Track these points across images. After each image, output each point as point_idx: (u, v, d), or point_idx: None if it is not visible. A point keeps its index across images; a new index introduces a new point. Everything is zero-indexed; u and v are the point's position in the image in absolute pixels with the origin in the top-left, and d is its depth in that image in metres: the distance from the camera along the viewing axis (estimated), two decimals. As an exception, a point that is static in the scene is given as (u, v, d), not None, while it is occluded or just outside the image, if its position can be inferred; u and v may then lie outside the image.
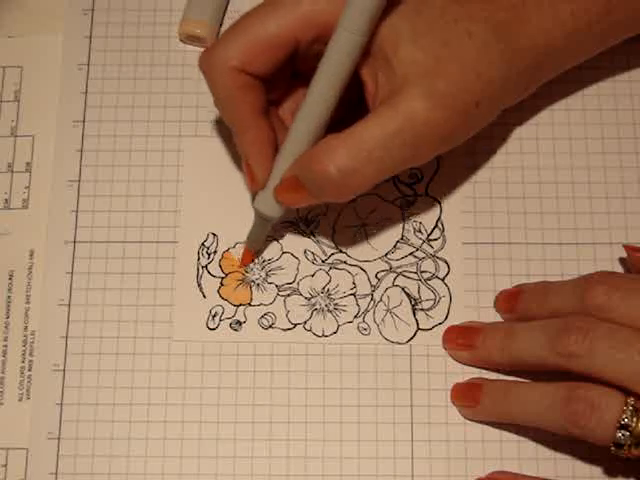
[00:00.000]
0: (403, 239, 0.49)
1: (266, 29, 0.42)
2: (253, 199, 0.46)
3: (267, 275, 0.48)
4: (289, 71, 0.46)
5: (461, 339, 0.46)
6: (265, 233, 0.47)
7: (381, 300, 0.48)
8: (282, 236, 0.49)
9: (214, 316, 0.47)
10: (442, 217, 0.49)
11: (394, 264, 0.48)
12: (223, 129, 0.50)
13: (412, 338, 0.47)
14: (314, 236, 0.49)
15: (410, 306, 0.48)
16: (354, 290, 0.48)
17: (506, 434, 0.45)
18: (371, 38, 0.42)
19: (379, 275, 0.48)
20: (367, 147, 0.41)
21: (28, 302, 0.48)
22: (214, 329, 0.47)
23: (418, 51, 0.42)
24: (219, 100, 0.44)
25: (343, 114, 0.44)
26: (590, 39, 0.46)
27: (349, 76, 0.42)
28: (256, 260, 0.48)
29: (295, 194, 0.44)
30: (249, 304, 0.48)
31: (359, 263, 0.48)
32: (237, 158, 0.50)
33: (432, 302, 0.48)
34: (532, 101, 0.50)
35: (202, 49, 0.51)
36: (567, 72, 0.49)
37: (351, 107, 0.45)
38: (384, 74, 0.42)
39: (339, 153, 0.42)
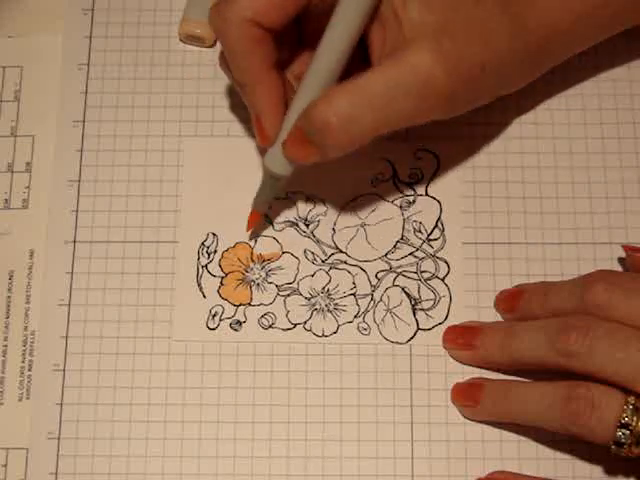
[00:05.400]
0: (403, 239, 0.49)
1: None
2: (263, 158, 0.46)
3: (267, 275, 0.48)
4: (296, 34, 0.46)
5: (461, 339, 0.46)
6: (273, 193, 0.47)
7: (381, 300, 0.48)
8: (282, 236, 0.49)
9: (214, 316, 0.47)
10: (442, 217, 0.49)
11: (394, 264, 0.48)
12: (223, 129, 0.50)
13: (412, 338, 0.47)
14: (314, 236, 0.49)
15: (410, 306, 0.47)
16: (354, 290, 0.48)
17: (506, 434, 0.45)
18: None
19: (379, 275, 0.48)
20: (368, 95, 0.41)
21: (28, 302, 0.48)
22: (214, 329, 0.47)
23: (427, 12, 0.42)
24: (231, 54, 0.44)
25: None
26: (597, 23, 0.46)
27: (359, 32, 0.42)
28: (256, 260, 0.48)
29: (302, 148, 0.44)
30: (249, 304, 0.48)
31: (359, 263, 0.48)
32: (237, 158, 0.50)
33: (432, 302, 0.48)
34: (532, 100, 0.50)
35: (202, 49, 0.52)
36: (567, 72, 0.49)
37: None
38: (392, 33, 0.43)
39: (339, 101, 0.42)
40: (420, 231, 0.49)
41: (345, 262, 0.48)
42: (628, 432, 0.40)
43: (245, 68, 0.44)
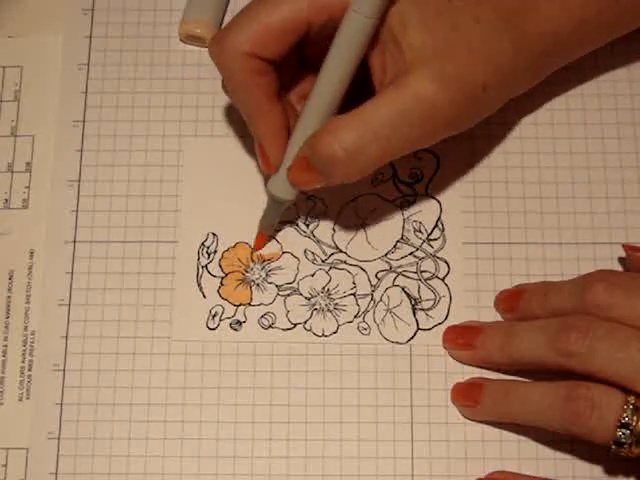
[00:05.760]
0: (403, 239, 0.49)
1: (279, 13, 0.43)
2: (266, 182, 0.47)
3: (267, 275, 0.48)
4: (296, 57, 0.46)
5: (461, 339, 0.46)
6: (278, 216, 0.47)
7: (381, 300, 0.48)
8: (282, 236, 0.49)
9: (214, 316, 0.47)
10: (442, 217, 0.49)
11: (394, 264, 0.48)
12: (223, 129, 0.50)
13: (412, 338, 0.47)
14: (314, 236, 0.49)
15: (410, 306, 0.47)
16: (354, 290, 0.48)
17: (506, 434, 0.45)
18: (380, 23, 0.42)
19: (379, 275, 0.48)
20: (373, 126, 0.42)
21: (28, 302, 0.48)
22: (214, 329, 0.47)
23: (427, 35, 0.42)
24: (232, 86, 0.44)
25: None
26: (599, 28, 0.46)
27: (360, 58, 0.42)
28: (256, 260, 0.48)
29: (306, 175, 0.44)
30: (249, 304, 0.48)
31: (359, 263, 0.48)
32: (237, 158, 0.50)
33: (432, 302, 0.48)
34: (532, 101, 0.50)
35: (202, 49, 0.52)
36: (568, 72, 0.49)
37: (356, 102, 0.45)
38: (393, 58, 0.43)
39: (345, 132, 0.42)
40: (420, 231, 0.49)
41: (345, 262, 0.48)
42: (628, 432, 0.40)
43: (246, 100, 0.44)
